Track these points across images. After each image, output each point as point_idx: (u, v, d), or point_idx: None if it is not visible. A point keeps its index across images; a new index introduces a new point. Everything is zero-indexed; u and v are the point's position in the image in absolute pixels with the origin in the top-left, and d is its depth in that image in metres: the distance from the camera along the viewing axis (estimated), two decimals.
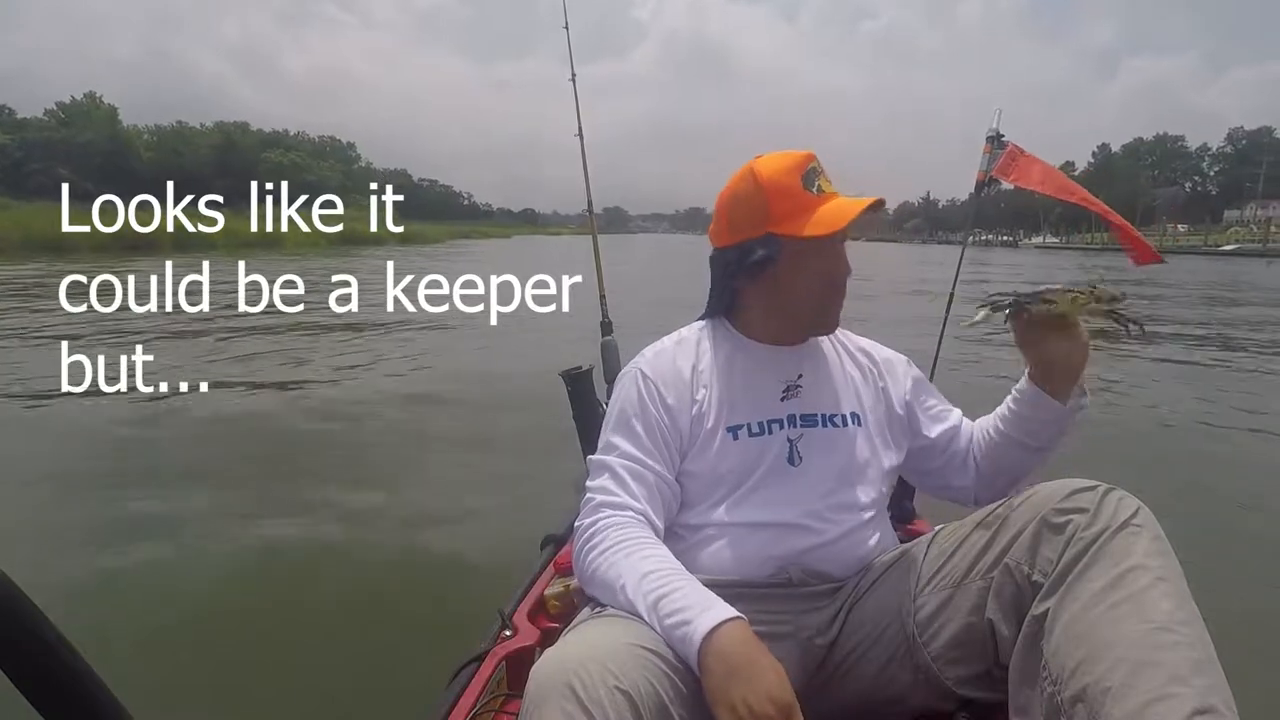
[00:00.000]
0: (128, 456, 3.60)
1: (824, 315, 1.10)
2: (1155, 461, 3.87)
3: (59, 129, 60.83)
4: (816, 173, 1.05)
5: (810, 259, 1.04)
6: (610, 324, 2.10)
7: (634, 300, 7.45)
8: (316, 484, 3.21)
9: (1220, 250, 48.43)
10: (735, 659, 0.76)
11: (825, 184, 1.05)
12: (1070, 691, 0.75)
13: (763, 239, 1.04)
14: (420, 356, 6.48)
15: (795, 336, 1.12)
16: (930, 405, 1.19)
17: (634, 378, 1.08)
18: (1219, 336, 8.91)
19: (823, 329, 1.13)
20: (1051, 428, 1.08)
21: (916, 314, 8.34)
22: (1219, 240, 56.05)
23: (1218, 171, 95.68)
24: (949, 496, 1.21)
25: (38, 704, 0.50)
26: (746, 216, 1.05)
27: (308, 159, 74.44)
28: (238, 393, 4.97)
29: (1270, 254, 43.37)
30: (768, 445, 1.05)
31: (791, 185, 1.03)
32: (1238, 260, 35.96)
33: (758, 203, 1.04)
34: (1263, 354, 7.60)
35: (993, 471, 1.14)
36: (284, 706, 1.74)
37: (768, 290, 1.08)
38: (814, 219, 1.02)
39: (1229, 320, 10.88)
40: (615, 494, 0.99)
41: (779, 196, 1.03)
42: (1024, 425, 1.09)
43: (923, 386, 1.20)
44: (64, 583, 2.22)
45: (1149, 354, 6.98)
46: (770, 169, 1.05)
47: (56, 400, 4.64)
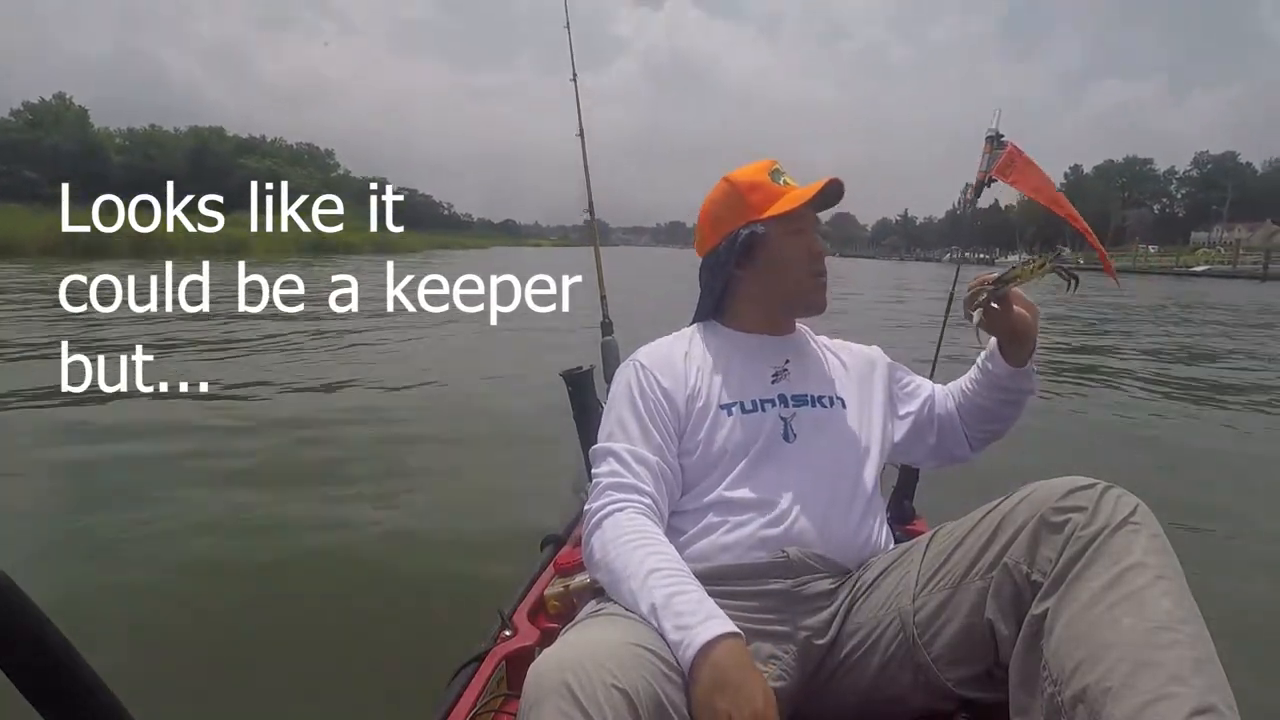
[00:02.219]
0: (134, 461, 3.52)
1: (813, 292, 1.18)
2: (1154, 460, 3.88)
3: (27, 130, 59.24)
4: (780, 172, 1.19)
5: (790, 237, 1.16)
6: (610, 324, 2.12)
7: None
8: (315, 484, 3.18)
9: (1191, 271, 49.31)
10: (728, 673, 0.76)
11: (789, 180, 1.19)
12: (1071, 692, 0.74)
13: (745, 226, 1.16)
14: (420, 356, 6.44)
15: (786, 322, 1.23)
16: (906, 383, 1.29)
17: (630, 368, 1.15)
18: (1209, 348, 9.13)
19: (814, 308, 1.20)
20: (1022, 381, 1.16)
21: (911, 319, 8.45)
22: (1189, 261, 57.15)
23: (1184, 194, 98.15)
24: (952, 460, 1.28)
25: (38, 704, 0.50)
26: (727, 213, 1.18)
27: (284, 165, 73.42)
28: (233, 393, 4.90)
29: (1240, 275, 44.24)
30: (762, 422, 1.10)
31: (761, 181, 1.17)
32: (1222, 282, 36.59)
33: (735, 199, 1.18)
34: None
35: (978, 423, 1.23)
36: (284, 706, 1.73)
37: (761, 271, 1.18)
38: (783, 200, 1.15)
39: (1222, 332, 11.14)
40: (622, 475, 1.02)
41: (752, 190, 1.17)
42: (998, 383, 1.17)
43: (896, 369, 1.30)
44: (64, 583, 2.20)
45: (1150, 355, 7.24)
46: (741, 173, 1.20)
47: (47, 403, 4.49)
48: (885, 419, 1.21)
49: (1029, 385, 1.17)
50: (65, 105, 63.64)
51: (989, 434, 1.25)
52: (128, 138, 70.44)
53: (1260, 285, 34.94)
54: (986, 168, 1.85)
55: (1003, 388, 1.17)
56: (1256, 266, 46.33)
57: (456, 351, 6.87)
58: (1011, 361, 1.14)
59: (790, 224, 1.15)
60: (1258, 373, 7.12)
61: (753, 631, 0.97)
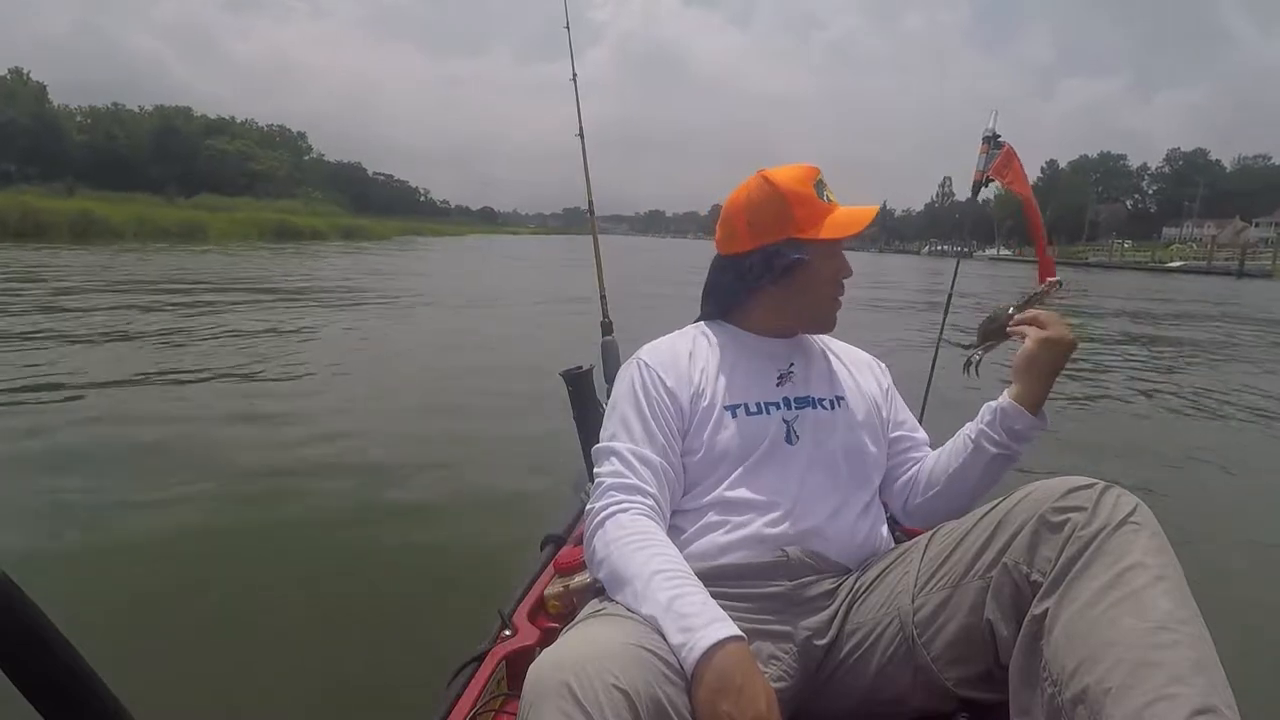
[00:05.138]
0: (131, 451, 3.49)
1: (831, 313, 1.18)
2: (1154, 459, 3.87)
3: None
4: (824, 184, 1.14)
5: (828, 259, 1.14)
6: (610, 324, 2.10)
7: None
8: (314, 484, 3.12)
9: (1166, 267, 49.75)
10: (731, 676, 0.76)
11: (831, 194, 1.14)
12: (1071, 693, 0.74)
13: (786, 242, 1.12)
14: (420, 356, 6.34)
15: (792, 331, 1.20)
16: (899, 415, 1.26)
17: (634, 367, 1.14)
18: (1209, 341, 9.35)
19: (825, 326, 1.20)
20: (1027, 434, 1.08)
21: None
22: (1164, 257, 57.76)
23: (1156, 191, 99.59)
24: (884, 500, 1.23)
25: (37, 703, 0.50)
26: (769, 221, 1.12)
27: (254, 147, 71.31)
28: (224, 390, 4.78)
29: (1215, 271, 44.73)
30: (766, 425, 1.09)
31: (808, 194, 1.12)
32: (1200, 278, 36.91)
33: (780, 208, 1.11)
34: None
35: (947, 488, 1.14)
36: (283, 707, 1.71)
37: (792, 290, 1.15)
38: (830, 222, 1.11)
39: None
40: (625, 475, 1.02)
41: (799, 203, 1.11)
42: (1000, 434, 1.09)
43: (893, 395, 1.27)
44: (64, 583, 2.16)
45: (1149, 353, 7.41)
46: (786, 178, 1.13)
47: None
48: (881, 428, 1.20)
49: (1028, 435, 1.08)
50: (22, 80, 60.97)
51: (933, 511, 1.16)
52: (89, 115, 67.83)
53: (1236, 281, 35.29)
54: (984, 168, 1.86)
55: (996, 441, 1.09)
56: (1230, 263, 46.95)
57: (456, 350, 6.70)
58: (1028, 399, 1.06)
59: (832, 246, 1.14)
60: (1256, 375, 7.05)
61: (753, 631, 0.96)
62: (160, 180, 52.51)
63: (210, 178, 56.96)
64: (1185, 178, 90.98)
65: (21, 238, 19.69)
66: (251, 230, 30.68)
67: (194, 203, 39.60)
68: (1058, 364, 1.06)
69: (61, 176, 42.14)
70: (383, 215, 70.33)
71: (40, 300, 8.49)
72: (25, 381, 4.61)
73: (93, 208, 24.90)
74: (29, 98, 58.99)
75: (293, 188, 65.70)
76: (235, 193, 52.35)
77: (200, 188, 50.56)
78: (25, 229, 20.28)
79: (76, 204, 25.48)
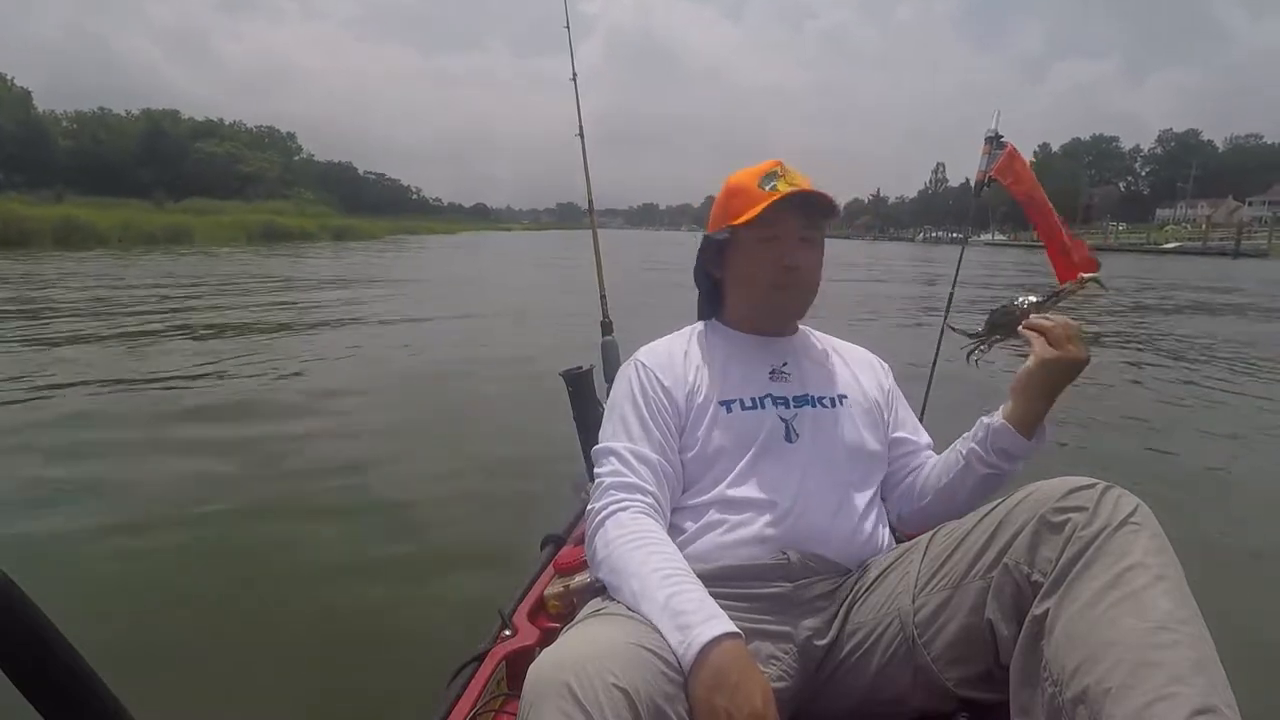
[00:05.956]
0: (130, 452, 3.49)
1: (777, 304, 1.17)
2: (1155, 459, 3.85)
3: None
4: (776, 175, 1.14)
5: (760, 244, 1.13)
6: (610, 324, 2.11)
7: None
8: (313, 483, 3.13)
9: (1162, 249, 49.60)
10: (728, 673, 0.76)
11: (782, 184, 1.12)
12: (1071, 693, 0.74)
13: (721, 230, 1.17)
14: (419, 356, 6.34)
15: (769, 327, 1.21)
16: (901, 416, 1.25)
17: (632, 368, 1.16)
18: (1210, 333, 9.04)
19: (779, 319, 1.20)
20: (1019, 455, 1.07)
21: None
22: (1159, 239, 57.60)
23: (1149, 172, 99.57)
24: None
25: (37, 704, 0.50)
26: (717, 213, 1.19)
27: (243, 149, 70.77)
28: (219, 388, 4.80)
29: (1210, 252, 44.61)
30: (761, 419, 1.10)
31: (748, 185, 1.14)
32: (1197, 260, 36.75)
33: (723, 201, 1.18)
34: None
35: (935, 501, 1.14)
36: (284, 707, 1.71)
37: (736, 280, 1.19)
38: (752, 209, 1.11)
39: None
40: (625, 475, 1.02)
41: (736, 194, 1.15)
42: (990, 454, 1.08)
43: (895, 394, 1.27)
44: (64, 585, 2.18)
45: (1149, 351, 7.15)
46: (738, 174, 1.18)
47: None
48: (882, 427, 1.20)
49: (1024, 455, 1.07)
50: (6, 86, 60.35)
51: (930, 515, 1.14)
52: (75, 120, 67.21)
53: (1233, 262, 35.17)
54: (986, 168, 1.86)
55: (985, 461, 1.08)
56: (1225, 244, 46.83)
57: (456, 349, 6.72)
58: (1023, 419, 1.05)
59: (761, 231, 1.12)
60: (1256, 371, 6.80)
61: (753, 631, 0.96)
62: (149, 185, 52.21)
63: (200, 181, 56.67)
64: (1178, 158, 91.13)
65: (6, 245, 19.43)
66: (238, 233, 30.38)
67: (182, 206, 39.30)
68: (1062, 384, 1.03)
69: (49, 183, 41.81)
70: (374, 214, 69.78)
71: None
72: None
73: (77, 214, 24.65)
74: (14, 104, 58.43)
75: (283, 189, 65.18)
76: (226, 196, 52.07)
77: (190, 191, 50.27)
78: (10, 237, 19.99)
79: (61, 210, 25.21)
